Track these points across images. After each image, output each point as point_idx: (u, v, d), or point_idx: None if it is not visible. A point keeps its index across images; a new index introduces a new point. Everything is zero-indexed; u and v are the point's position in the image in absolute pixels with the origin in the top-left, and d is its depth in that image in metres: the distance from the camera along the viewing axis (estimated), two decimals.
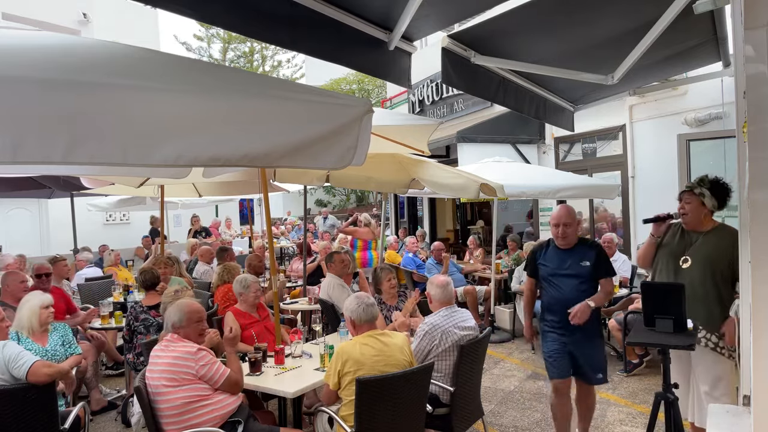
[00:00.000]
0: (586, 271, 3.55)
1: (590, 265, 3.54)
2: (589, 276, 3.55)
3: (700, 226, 3.33)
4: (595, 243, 3.71)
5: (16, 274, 4.85)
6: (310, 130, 2.11)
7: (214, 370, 2.94)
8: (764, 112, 1.88)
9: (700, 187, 3.29)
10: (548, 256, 3.69)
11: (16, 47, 1.88)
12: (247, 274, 4.62)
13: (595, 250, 3.58)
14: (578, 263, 3.57)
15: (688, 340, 2.69)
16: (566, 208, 3.60)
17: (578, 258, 3.58)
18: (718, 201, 3.27)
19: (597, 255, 3.56)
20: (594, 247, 3.63)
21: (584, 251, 3.60)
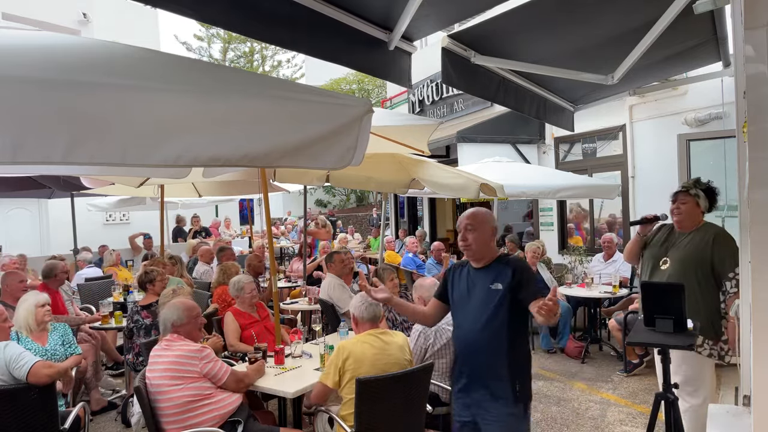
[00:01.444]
0: (497, 297, 2.52)
1: (504, 288, 2.51)
2: (501, 304, 2.51)
3: (688, 226, 3.37)
4: (516, 259, 2.67)
5: (15, 274, 4.85)
6: (310, 130, 2.11)
7: (218, 368, 2.96)
8: (764, 112, 1.88)
9: (696, 188, 3.33)
10: (461, 278, 2.71)
11: (16, 47, 1.88)
12: (241, 275, 4.62)
13: (512, 267, 2.56)
14: (487, 287, 2.55)
15: (688, 340, 2.69)
16: (474, 209, 2.73)
17: (489, 280, 2.56)
18: (711, 203, 3.36)
19: (515, 273, 2.53)
20: (512, 262, 2.60)
21: (499, 270, 2.57)
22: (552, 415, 4.43)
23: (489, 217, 2.65)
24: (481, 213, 2.66)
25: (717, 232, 3.28)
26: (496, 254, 2.64)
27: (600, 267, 6.68)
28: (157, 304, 4.45)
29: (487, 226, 2.60)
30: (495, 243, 2.67)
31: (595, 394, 4.87)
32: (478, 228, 2.57)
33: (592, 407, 4.56)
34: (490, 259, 2.62)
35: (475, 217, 2.62)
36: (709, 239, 3.25)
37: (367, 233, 15.87)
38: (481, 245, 2.59)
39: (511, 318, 2.53)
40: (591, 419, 4.33)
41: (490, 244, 2.62)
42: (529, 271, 2.59)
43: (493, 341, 2.52)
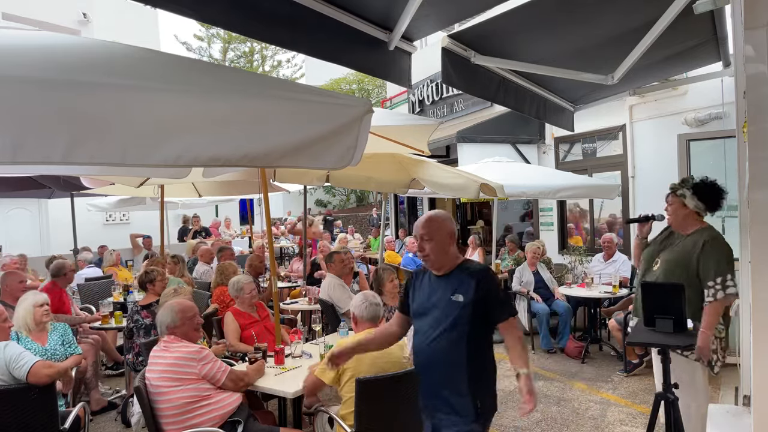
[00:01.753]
0: (456, 310, 2.34)
1: (465, 300, 2.32)
2: (461, 316, 2.32)
3: (684, 227, 3.29)
4: (479, 269, 2.41)
5: (15, 274, 4.86)
6: (310, 130, 2.11)
7: (216, 368, 2.97)
8: (764, 112, 1.88)
9: (682, 187, 3.24)
10: (423, 285, 2.53)
11: (16, 47, 1.88)
12: (240, 276, 4.62)
13: (475, 279, 2.33)
14: (448, 297, 2.37)
15: (688, 340, 2.69)
16: (429, 215, 2.51)
17: (451, 289, 2.38)
18: (704, 202, 3.18)
19: (479, 286, 2.31)
20: (476, 274, 2.36)
21: (461, 279, 2.37)
22: (552, 415, 4.43)
23: (445, 222, 2.44)
24: (436, 219, 2.45)
25: (707, 239, 3.17)
26: (458, 260, 2.45)
27: (600, 267, 6.68)
28: (157, 304, 4.45)
29: (443, 232, 2.41)
30: (456, 247, 2.47)
31: (595, 394, 4.87)
32: (434, 236, 2.39)
33: (592, 407, 4.57)
34: (452, 267, 2.43)
35: (430, 225, 2.42)
36: (698, 244, 3.17)
37: (367, 233, 15.87)
38: (440, 254, 2.40)
39: (471, 330, 2.35)
40: (591, 419, 4.33)
41: (449, 251, 2.42)
42: (494, 284, 2.39)
43: (452, 354, 2.36)
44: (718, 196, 3.19)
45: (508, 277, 7.27)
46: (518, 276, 6.64)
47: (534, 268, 6.64)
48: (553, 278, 6.75)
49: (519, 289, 6.57)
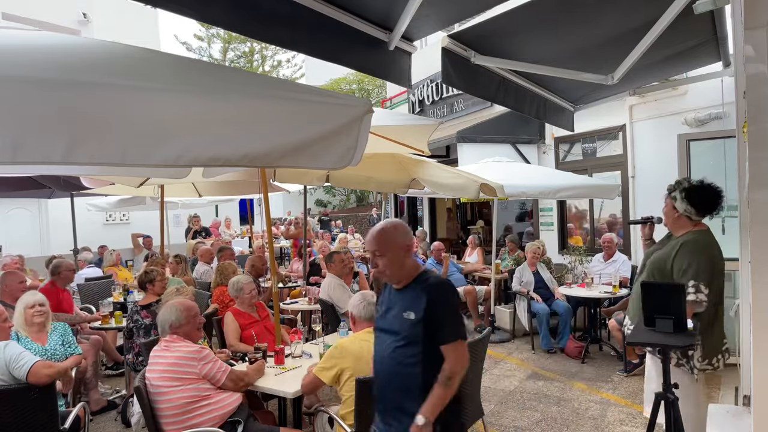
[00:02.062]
0: (407, 328, 2.17)
1: (416, 319, 2.14)
2: (414, 337, 2.14)
3: (676, 229, 3.24)
4: (433, 283, 2.20)
5: (14, 274, 4.86)
6: (310, 130, 2.11)
7: (217, 368, 2.97)
8: (764, 112, 1.88)
9: (675, 190, 3.17)
10: (386, 297, 2.38)
11: (16, 47, 1.88)
12: (240, 276, 4.62)
13: (427, 295, 2.15)
14: (401, 314, 2.21)
15: (688, 340, 2.68)
16: (378, 228, 2.30)
17: (404, 305, 2.22)
18: (694, 206, 3.09)
19: (428, 303, 2.13)
20: (428, 289, 2.17)
21: (415, 295, 2.19)
22: (552, 415, 4.43)
23: (397, 234, 2.25)
24: (386, 233, 2.25)
25: (685, 241, 3.11)
26: (415, 272, 2.25)
27: (600, 267, 6.68)
28: (156, 303, 4.45)
29: (396, 246, 2.22)
30: (412, 258, 2.29)
31: (595, 394, 4.87)
32: (386, 252, 2.21)
33: (592, 407, 4.57)
34: (409, 280, 2.25)
35: (380, 241, 2.23)
36: (676, 247, 3.12)
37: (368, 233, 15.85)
38: (396, 268, 2.23)
39: (426, 351, 2.13)
40: (591, 419, 4.33)
41: (405, 264, 2.24)
42: (446, 300, 2.17)
43: (405, 377, 2.16)
44: (711, 201, 3.09)
45: (508, 277, 7.27)
46: (518, 276, 6.65)
47: (534, 268, 6.64)
48: (553, 278, 6.75)
49: (519, 289, 6.57)
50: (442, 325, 2.13)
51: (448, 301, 2.20)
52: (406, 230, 2.30)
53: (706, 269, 3.00)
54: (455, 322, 2.17)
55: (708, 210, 3.10)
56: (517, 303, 6.73)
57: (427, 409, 2.07)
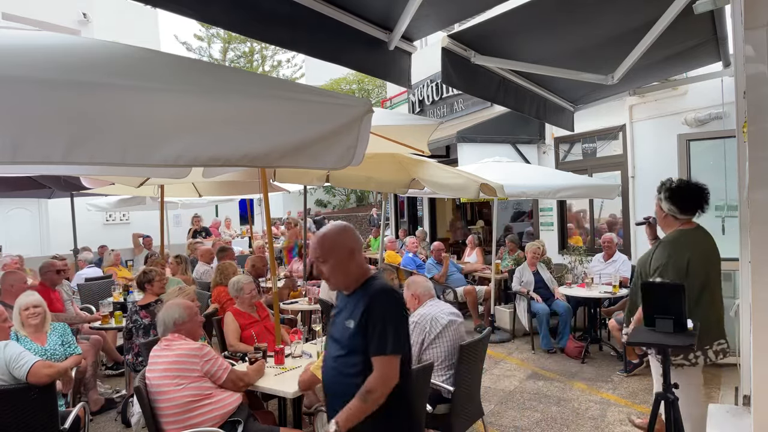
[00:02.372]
0: (348, 337, 2.06)
1: (354, 329, 2.03)
2: (353, 347, 2.03)
3: (665, 229, 3.31)
4: (375, 290, 2.06)
5: (15, 274, 4.86)
6: (310, 130, 2.11)
7: (218, 366, 2.97)
8: (764, 112, 1.88)
9: (660, 191, 3.24)
10: (338, 302, 2.28)
11: (16, 47, 1.88)
12: (240, 276, 4.62)
13: (366, 302, 2.02)
14: (343, 322, 2.11)
15: (688, 340, 2.69)
16: (321, 233, 2.18)
17: (347, 312, 2.11)
18: (676, 205, 3.15)
19: (366, 310, 2.00)
20: (369, 297, 2.03)
21: (357, 300, 2.08)
22: (552, 415, 4.43)
23: (340, 238, 2.12)
24: (327, 238, 2.12)
25: (663, 240, 3.22)
26: (363, 278, 2.12)
27: (600, 267, 6.68)
28: (155, 303, 4.46)
29: (339, 251, 2.09)
30: (359, 263, 2.13)
31: (595, 394, 4.87)
32: (329, 258, 2.10)
33: (592, 407, 4.57)
34: (357, 285, 2.12)
35: (322, 247, 2.11)
36: (657, 245, 3.22)
37: (368, 233, 15.87)
38: (341, 275, 2.11)
39: (367, 364, 1.98)
40: (591, 419, 4.33)
41: (350, 269, 2.10)
42: (384, 309, 2.00)
43: (347, 388, 2.00)
44: (694, 199, 3.15)
45: (508, 277, 7.27)
46: (518, 276, 6.65)
47: (534, 268, 6.64)
48: (553, 278, 6.75)
49: (519, 289, 6.57)
50: (374, 336, 1.97)
51: (387, 311, 2.00)
52: (350, 233, 2.17)
53: (680, 269, 3.05)
54: (388, 334, 1.95)
55: (692, 208, 3.16)
56: (517, 303, 6.73)
57: (341, 417, 1.92)
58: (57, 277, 5.37)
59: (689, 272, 3.07)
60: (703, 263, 3.12)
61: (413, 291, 3.63)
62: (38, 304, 3.83)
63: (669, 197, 3.19)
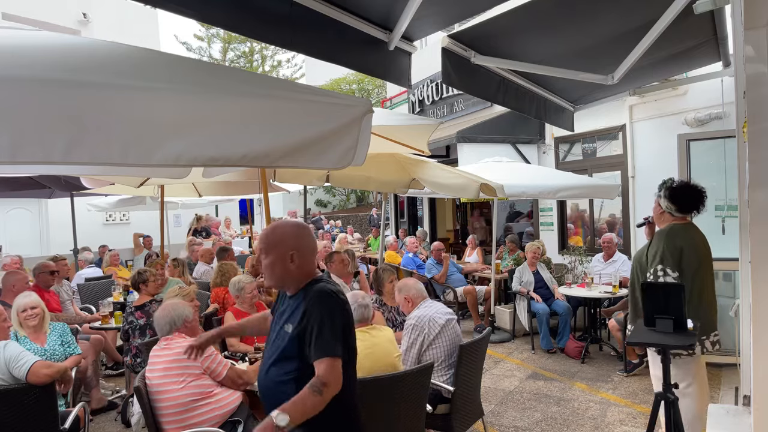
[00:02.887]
0: (285, 342, 1.95)
1: (293, 333, 1.92)
2: (289, 352, 1.93)
3: (660, 225, 3.49)
4: (314, 292, 1.95)
5: (16, 274, 4.86)
6: (311, 130, 2.11)
7: (217, 362, 2.98)
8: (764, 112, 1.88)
9: (661, 189, 3.42)
10: (279, 303, 2.16)
11: (16, 47, 1.88)
12: (241, 276, 4.62)
13: (305, 305, 1.92)
14: (283, 325, 2.00)
15: (688, 340, 2.69)
16: (273, 225, 2.11)
17: (286, 315, 2.02)
18: (674, 203, 3.32)
19: (304, 313, 1.91)
20: (308, 300, 1.94)
21: (298, 305, 1.97)
22: (552, 415, 4.43)
23: (287, 236, 2.01)
24: (276, 232, 2.03)
25: (658, 231, 3.43)
26: (306, 279, 2.00)
27: (600, 267, 6.68)
28: (150, 304, 4.47)
29: (282, 249, 1.97)
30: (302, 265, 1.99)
31: (595, 394, 4.87)
32: (270, 252, 1.99)
33: (592, 407, 4.57)
34: (297, 287, 2.01)
35: (267, 239, 2.01)
36: (653, 239, 3.44)
37: (368, 233, 15.88)
38: (278, 272, 1.98)
39: (301, 372, 1.86)
40: (591, 419, 4.33)
41: (289, 270, 1.97)
42: (323, 312, 1.88)
43: (279, 395, 1.84)
44: (693, 200, 3.30)
45: (508, 277, 7.27)
46: (518, 276, 6.65)
47: (534, 268, 6.64)
48: (553, 278, 6.75)
49: (519, 289, 6.57)
50: (312, 341, 1.85)
51: (325, 314, 1.88)
52: (301, 234, 2.04)
53: (674, 254, 3.24)
54: (327, 337, 1.84)
55: (688, 208, 3.33)
56: (517, 303, 6.73)
57: (289, 408, 1.73)
58: (50, 278, 5.35)
59: (683, 259, 3.23)
60: (696, 252, 3.28)
61: (405, 295, 3.62)
62: (36, 305, 3.82)
63: (669, 196, 3.33)
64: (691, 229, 3.39)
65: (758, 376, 1.90)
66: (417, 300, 3.61)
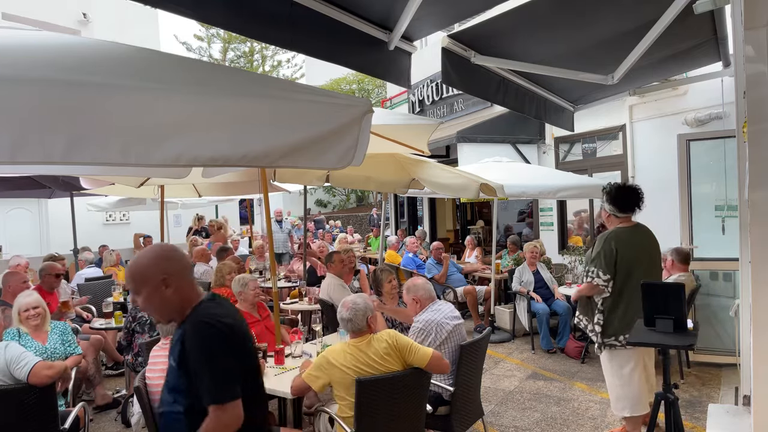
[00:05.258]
0: (172, 376, 1.86)
1: (175, 366, 1.82)
2: (176, 386, 1.82)
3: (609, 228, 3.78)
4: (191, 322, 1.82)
5: (17, 274, 4.87)
6: (311, 130, 2.11)
7: None
8: (764, 112, 1.88)
9: (602, 194, 3.75)
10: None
11: (16, 47, 1.88)
12: (245, 273, 4.62)
13: (181, 341, 1.79)
14: (169, 357, 1.90)
15: (688, 339, 2.69)
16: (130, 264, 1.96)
17: (171, 347, 1.90)
18: (614, 204, 3.64)
19: (183, 345, 1.77)
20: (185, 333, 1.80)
21: (178, 336, 1.84)
22: (552, 415, 4.43)
23: (150, 267, 1.85)
24: (138, 263, 1.88)
25: (600, 235, 3.71)
26: (189, 305, 1.85)
27: None
28: None
29: (151, 280, 1.83)
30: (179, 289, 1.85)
31: (595, 394, 4.87)
32: (141, 290, 1.85)
33: (592, 407, 4.57)
34: (183, 316, 1.85)
35: (132, 278, 1.87)
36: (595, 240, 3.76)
37: (368, 233, 15.88)
38: (158, 306, 1.85)
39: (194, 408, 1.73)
40: (591, 419, 4.33)
41: (167, 298, 1.83)
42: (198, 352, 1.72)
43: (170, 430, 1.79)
44: (630, 198, 3.61)
45: (508, 277, 7.27)
46: (518, 276, 6.65)
47: (534, 268, 6.64)
48: (553, 278, 6.75)
49: (519, 289, 6.57)
50: (199, 384, 1.73)
51: (202, 350, 1.72)
52: (163, 258, 1.88)
53: (608, 257, 3.55)
54: (210, 381, 1.69)
55: (627, 206, 3.63)
56: (517, 303, 6.73)
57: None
58: (56, 281, 5.35)
59: (618, 261, 3.55)
60: (629, 256, 3.58)
61: (414, 295, 3.54)
62: (37, 305, 3.83)
63: (609, 199, 3.65)
64: (638, 233, 3.66)
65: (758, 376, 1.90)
66: (425, 302, 3.54)
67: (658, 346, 2.83)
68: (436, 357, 2.88)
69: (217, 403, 1.68)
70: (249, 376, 1.86)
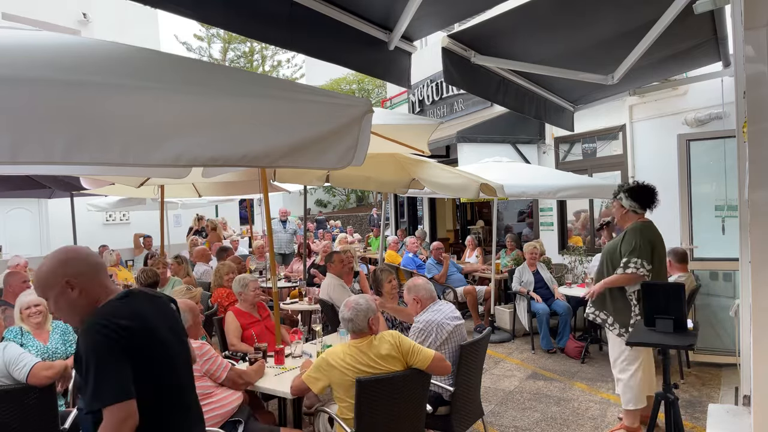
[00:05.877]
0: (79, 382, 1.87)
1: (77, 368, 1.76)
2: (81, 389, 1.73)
3: (624, 224, 3.94)
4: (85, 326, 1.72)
5: (17, 274, 4.87)
6: (311, 130, 2.10)
7: (217, 364, 2.98)
8: (764, 112, 1.88)
9: (619, 192, 3.94)
10: None
11: (16, 47, 1.88)
12: (246, 274, 4.62)
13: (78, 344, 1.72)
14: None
15: (688, 339, 2.69)
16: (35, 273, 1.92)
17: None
18: (637, 201, 3.83)
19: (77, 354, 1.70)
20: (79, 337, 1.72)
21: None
22: (552, 415, 4.43)
23: (53, 268, 1.80)
24: (41, 270, 1.81)
25: (629, 228, 3.84)
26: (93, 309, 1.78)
27: None
28: None
29: (55, 285, 1.78)
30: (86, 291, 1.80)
31: (595, 394, 4.87)
32: (48, 295, 1.80)
33: (592, 407, 4.57)
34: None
35: (38, 284, 1.82)
36: (623, 234, 3.86)
37: (368, 233, 15.88)
38: (67, 310, 1.81)
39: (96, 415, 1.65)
40: (591, 419, 4.33)
41: (74, 301, 1.79)
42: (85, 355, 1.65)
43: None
44: (650, 196, 3.84)
45: (508, 277, 7.27)
46: (518, 276, 6.65)
47: (534, 267, 6.64)
48: (553, 278, 6.75)
49: (519, 289, 6.57)
50: (83, 384, 1.66)
51: (86, 351, 1.65)
52: (68, 257, 1.84)
53: (647, 249, 3.70)
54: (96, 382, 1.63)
55: (648, 203, 3.85)
56: (517, 303, 6.73)
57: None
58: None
59: (654, 253, 3.71)
60: (662, 248, 3.84)
61: (414, 295, 3.54)
62: (39, 303, 3.84)
63: (630, 196, 3.84)
64: (654, 227, 3.87)
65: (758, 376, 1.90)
66: (426, 302, 3.53)
67: (658, 346, 2.83)
68: (437, 359, 2.88)
69: (103, 405, 1.63)
70: (161, 380, 1.81)
